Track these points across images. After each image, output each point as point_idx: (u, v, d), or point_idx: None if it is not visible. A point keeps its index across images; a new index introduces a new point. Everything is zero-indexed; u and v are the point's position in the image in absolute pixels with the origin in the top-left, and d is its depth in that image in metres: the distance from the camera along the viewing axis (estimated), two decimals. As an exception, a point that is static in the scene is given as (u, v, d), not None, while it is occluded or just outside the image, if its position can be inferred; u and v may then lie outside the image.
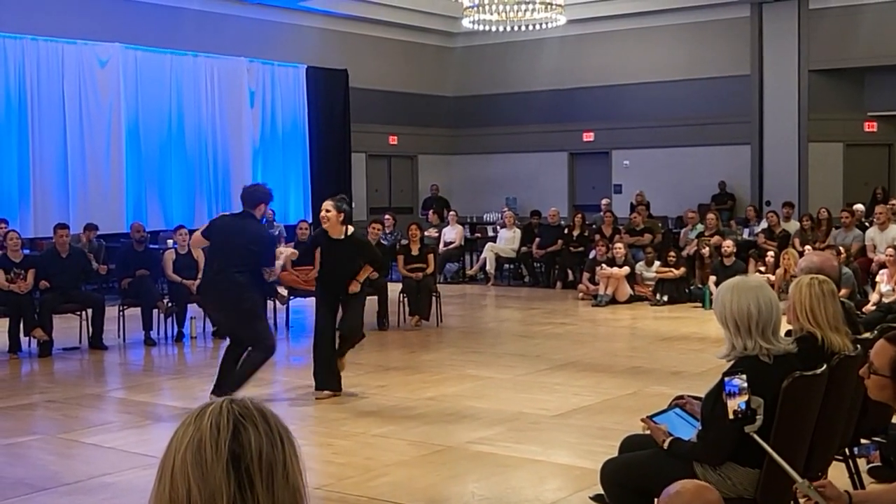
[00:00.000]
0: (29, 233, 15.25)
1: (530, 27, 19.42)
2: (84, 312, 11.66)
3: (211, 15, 19.36)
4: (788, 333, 4.53)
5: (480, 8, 18.20)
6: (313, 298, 13.38)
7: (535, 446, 7.00)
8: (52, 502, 5.97)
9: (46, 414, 8.53)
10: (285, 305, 13.02)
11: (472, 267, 19.14)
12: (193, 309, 12.34)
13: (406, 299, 13.15)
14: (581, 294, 15.76)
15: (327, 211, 8.69)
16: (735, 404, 3.87)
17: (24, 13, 16.50)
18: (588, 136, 23.22)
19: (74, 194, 16.93)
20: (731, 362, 4.03)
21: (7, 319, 11.23)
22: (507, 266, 18.82)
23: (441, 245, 18.38)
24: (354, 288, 8.74)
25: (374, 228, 13.45)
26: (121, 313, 12.14)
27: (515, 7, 18.07)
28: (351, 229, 8.85)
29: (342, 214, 8.71)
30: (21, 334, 11.23)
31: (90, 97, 17.21)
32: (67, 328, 11.80)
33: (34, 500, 5.98)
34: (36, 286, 11.44)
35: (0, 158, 16.08)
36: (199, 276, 12.29)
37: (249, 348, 8.31)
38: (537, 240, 17.99)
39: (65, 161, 16.90)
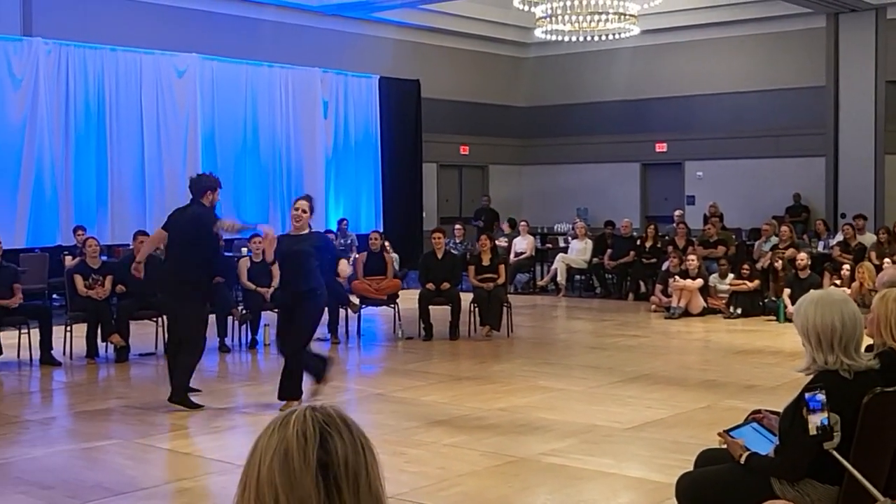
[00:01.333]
0: (106, 240, 15.52)
1: (603, 37, 19.35)
2: (160, 318, 11.84)
3: (286, 26, 19.60)
4: (869, 349, 4.45)
5: (553, 18, 18.18)
6: (384, 307, 13.59)
7: (607, 459, 6.96)
8: (128, 506, 6.06)
9: (123, 419, 8.66)
10: (357, 314, 13.10)
11: (542, 278, 19.07)
12: (267, 316, 12.48)
13: (477, 309, 13.15)
14: (653, 306, 15.63)
15: (304, 211, 8.67)
16: (817, 420, 3.81)
17: (104, 24, 16.84)
18: (661, 147, 23.05)
19: (151, 202, 17.21)
20: (811, 377, 3.97)
21: (85, 325, 11.45)
22: (578, 277, 18.73)
23: (512, 255, 18.35)
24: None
25: (436, 238, 13.45)
26: (196, 320, 12.29)
27: (588, 17, 18.01)
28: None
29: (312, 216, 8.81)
30: (98, 340, 11.44)
31: (167, 107, 17.50)
32: (143, 334, 11.98)
33: (111, 504, 6.08)
34: (113, 292, 11.64)
35: (79, 166, 16.41)
36: (273, 283, 12.46)
37: (179, 355, 8.66)
38: (609, 251, 17.88)
39: (142, 169, 17.20)
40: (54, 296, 14.99)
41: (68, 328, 11.57)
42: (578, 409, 8.59)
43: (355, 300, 13.02)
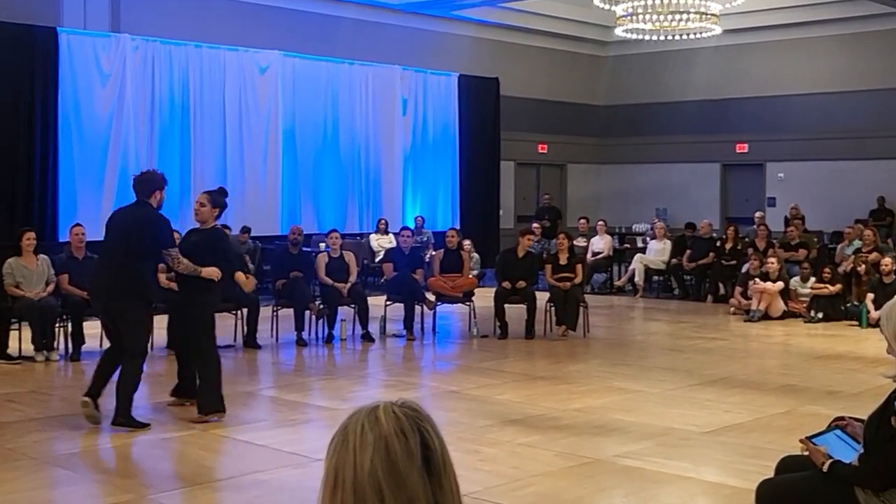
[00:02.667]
0: (188, 233, 15.74)
1: (684, 36, 19.13)
2: (239, 312, 11.99)
3: (367, 23, 19.72)
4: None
5: (634, 17, 18.02)
6: (460, 305, 13.58)
7: (684, 463, 6.86)
8: (205, 497, 6.13)
9: (201, 409, 8.75)
10: (432, 311, 13.12)
11: (620, 278, 18.93)
12: (344, 311, 12.56)
13: (553, 309, 13.09)
14: (732, 308, 15.40)
15: (201, 205, 8.29)
16: (904, 428, 3.72)
17: (189, 21, 17.12)
18: (742, 148, 22.74)
19: (232, 197, 17.34)
20: (899, 384, 3.88)
21: (167, 317, 11.61)
22: (656, 278, 18.54)
23: (589, 255, 18.23)
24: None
25: (527, 239, 13.40)
26: (274, 314, 12.43)
27: (669, 16, 17.83)
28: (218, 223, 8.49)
29: (217, 209, 8.37)
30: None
31: (249, 103, 17.72)
32: (223, 326, 12.10)
33: (188, 494, 6.15)
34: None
35: (163, 161, 16.64)
36: (350, 279, 12.53)
37: (122, 365, 7.91)
38: (688, 252, 17.67)
39: (224, 164, 17.44)
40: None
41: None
42: (655, 412, 8.49)
43: (431, 297, 13.04)
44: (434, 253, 14.51)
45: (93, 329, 11.36)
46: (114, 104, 15.99)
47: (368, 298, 12.74)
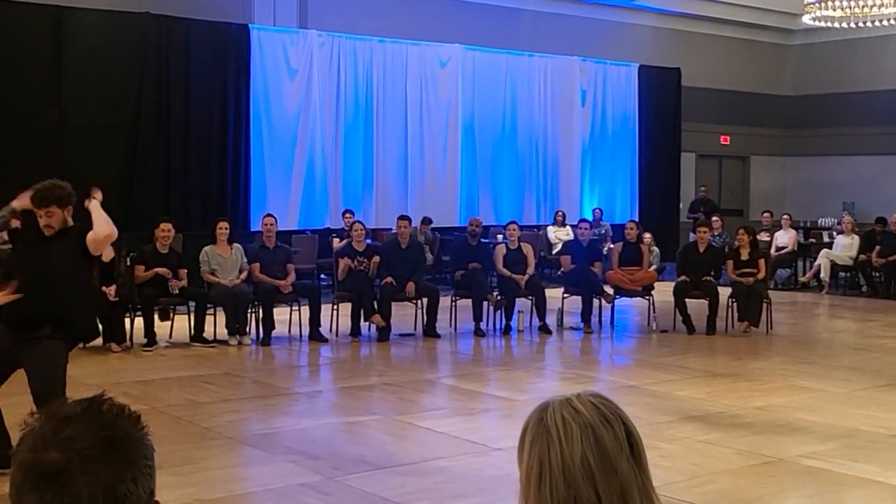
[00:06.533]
0: (371, 223, 16.13)
1: (876, 23, 18.41)
2: (419, 302, 12.24)
3: (546, 15, 19.73)
4: None
5: (823, 4, 17.47)
6: (638, 299, 13.47)
7: (872, 466, 6.67)
8: (389, 480, 6.31)
9: (383, 396, 9.02)
10: (610, 304, 13.07)
11: (805, 273, 18.39)
12: (521, 303, 12.66)
13: (735, 304, 12.85)
14: (924, 307, 14.80)
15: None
16: None
17: (372, 16, 17.54)
18: (937, 139, 21.74)
19: (413, 188, 17.80)
20: None
21: (350, 304, 11.99)
22: (842, 274, 17.94)
23: (773, 250, 17.79)
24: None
25: (701, 232, 13.22)
26: (453, 304, 12.64)
27: (861, 2, 17.20)
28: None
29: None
30: (361, 320, 11.95)
31: (430, 96, 18.02)
32: (404, 315, 12.41)
33: (373, 477, 6.35)
34: (378, 275, 12.10)
35: (347, 153, 17.16)
36: (528, 270, 12.60)
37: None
38: (878, 248, 17.02)
39: (405, 156, 17.80)
40: (321, 276, 15.76)
41: (335, 307, 12.15)
42: (840, 412, 8.26)
43: (609, 290, 12.99)
44: (612, 245, 14.44)
45: (282, 315, 11.85)
46: (301, 99, 16.54)
47: (546, 290, 12.79)
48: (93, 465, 1.34)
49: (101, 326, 9.18)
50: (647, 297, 13.04)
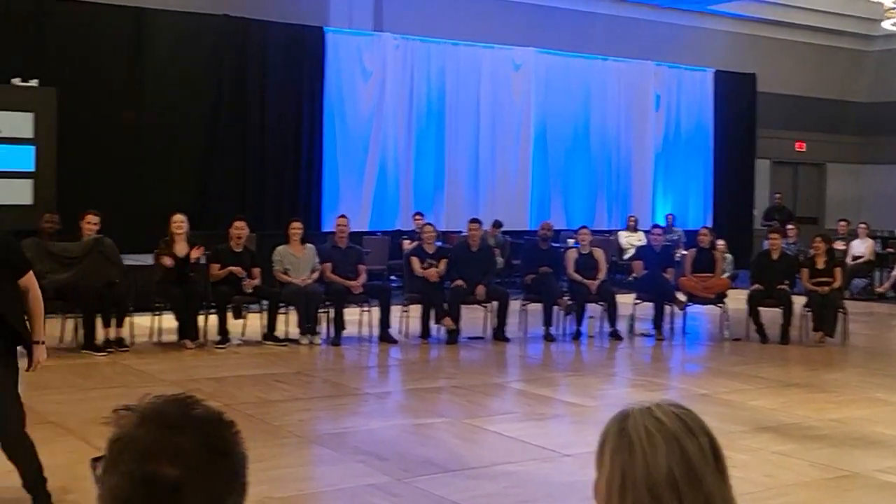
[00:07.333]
0: (441, 226, 16.15)
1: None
2: (489, 305, 12.23)
3: (621, 19, 19.61)
4: None
5: (905, 9, 17.14)
6: (706, 305, 13.28)
7: (952, 482, 6.52)
8: (457, 483, 6.30)
9: (452, 399, 9.01)
10: (682, 311, 12.94)
11: (882, 284, 18.02)
12: (592, 308, 12.57)
13: (810, 314, 12.63)
14: None
15: None
16: None
17: (446, 19, 17.58)
18: None
19: (483, 191, 17.81)
20: None
21: (420, 306, 12.02)
22: (921, 285, 17.56)
23: (849, 259, 17.47)
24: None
25: (773, 238, 13.02)
26: (523, 308, 12.60)
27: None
28: None
29: None
30: (431, 322, 11.97)
31: (503, 99, 18.02)
32: (473, 318, 12.40)
33: (441, 480, 6.35)
34: (448, 277, 12.10)
35: (419, 155, 17.23)
36: (600, 276, 12.53)
37: None
38: (958, 259, 16.64)
39: (476, 159, 17.82)
40: (392, 277, 15.82)
41: (405, 308, 12.19)
42: (919, 427, 8.09)
43: (682, 297, 12.86)
44: (685, 252, 14.28)
45: (353, 316, 11.91)
46: (374, 101, 16.64)
47: (617, 296, 12.70)
48: (206, 480, 1.33)
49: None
50: (720, 305, 12.88)
